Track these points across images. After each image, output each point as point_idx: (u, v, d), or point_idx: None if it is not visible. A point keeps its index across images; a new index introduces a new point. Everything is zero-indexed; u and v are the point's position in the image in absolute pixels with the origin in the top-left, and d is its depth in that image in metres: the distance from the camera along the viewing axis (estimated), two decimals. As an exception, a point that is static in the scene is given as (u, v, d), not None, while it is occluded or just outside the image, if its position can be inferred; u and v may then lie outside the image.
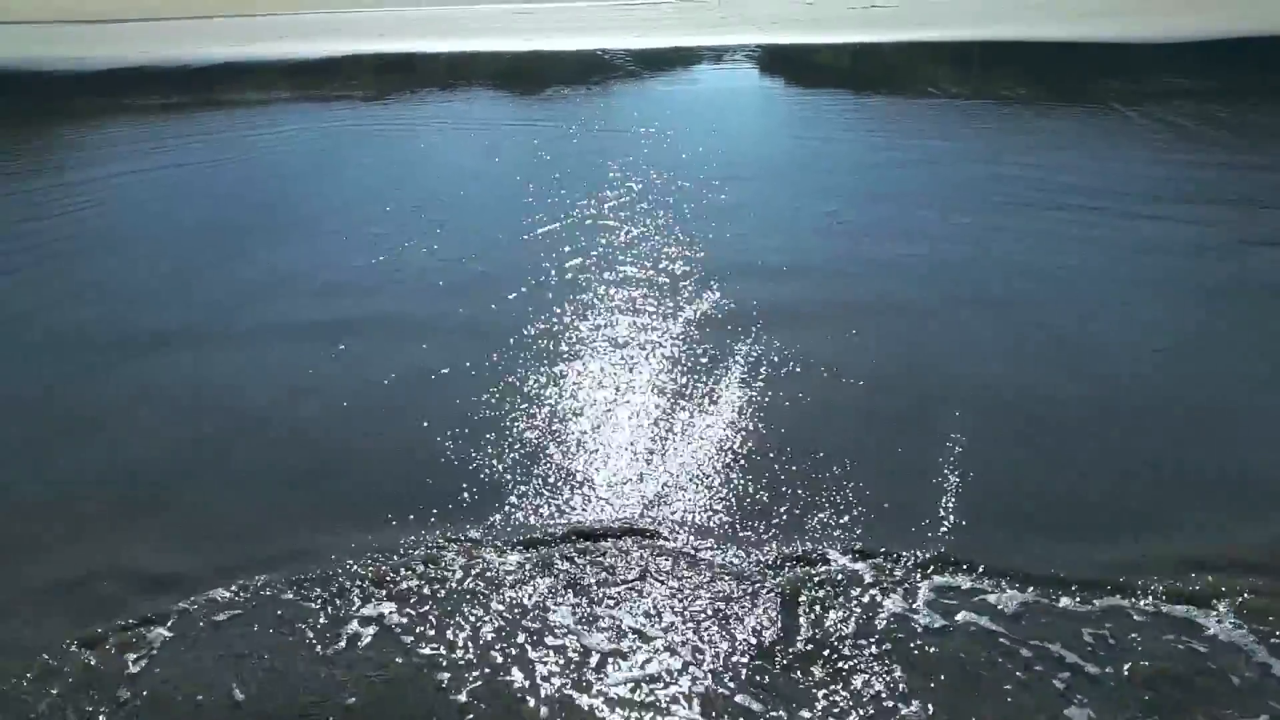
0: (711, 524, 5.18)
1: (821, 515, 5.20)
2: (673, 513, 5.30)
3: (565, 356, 7.38)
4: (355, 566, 4.93)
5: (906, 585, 4.59)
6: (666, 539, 5.07)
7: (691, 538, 5.07)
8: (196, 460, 6.13)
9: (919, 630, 4.29)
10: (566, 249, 10.02)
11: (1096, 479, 5.41)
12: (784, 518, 5.20)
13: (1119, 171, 12.22)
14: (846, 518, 5.17)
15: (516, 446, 6.07)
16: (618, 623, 4.43)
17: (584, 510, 5.36)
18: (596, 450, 6.02)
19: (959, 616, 4.36)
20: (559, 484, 5.63)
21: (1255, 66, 22.23)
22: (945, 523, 5.06)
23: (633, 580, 4.73)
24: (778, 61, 27.18)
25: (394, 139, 17.57)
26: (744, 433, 6.11)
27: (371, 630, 4.46)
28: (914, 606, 4.44)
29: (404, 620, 4.53)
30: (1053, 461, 5.62)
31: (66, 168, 15.94)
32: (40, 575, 5.02)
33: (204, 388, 7.16)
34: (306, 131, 18.51)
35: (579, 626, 4.42)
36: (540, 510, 5.37)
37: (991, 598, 4.47)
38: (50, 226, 12.01)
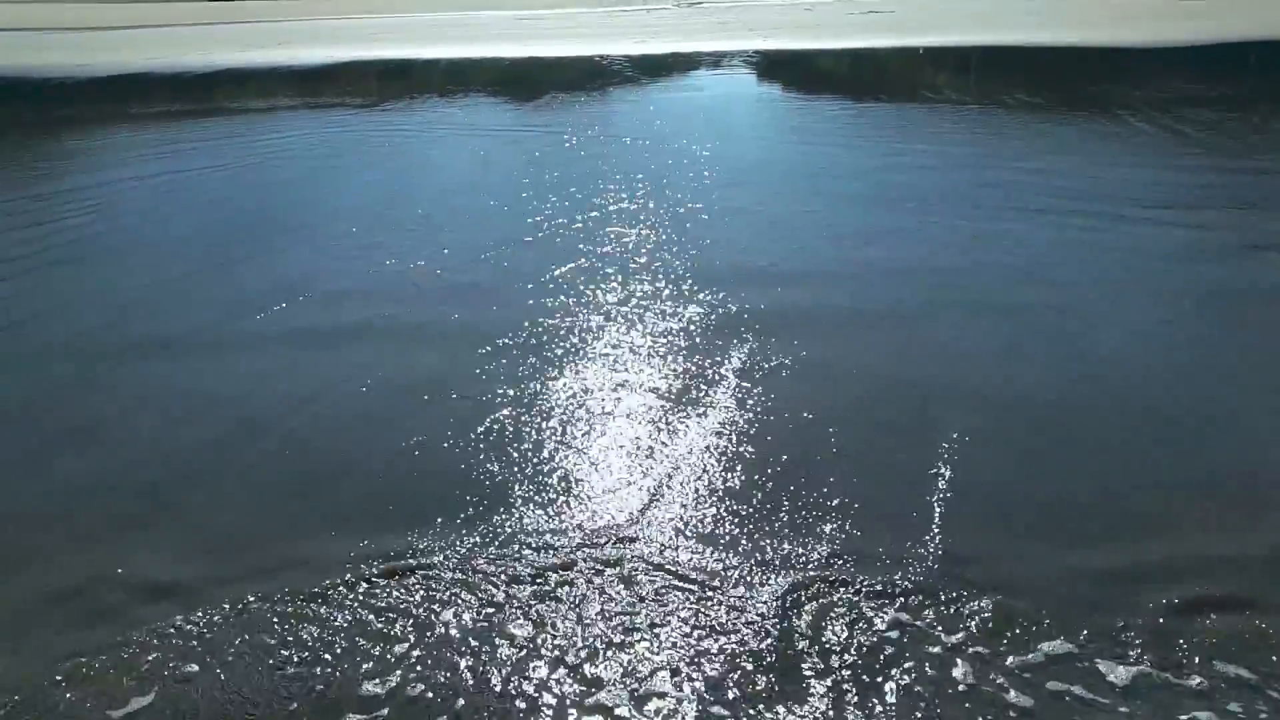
0: (708, 531, 5.16)
1: (825, 524, 5.18)
2: (669, 520, 5.28)
3: (564, 362, 7.36)
4: (354, 576, 4.90)
5: (911, 593, 4.57)
6: (662, 548, 5.04)
7: (688, 543, 5.05)
8: (196, 468, 6.11)
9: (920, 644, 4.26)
10: (565, 254, 10.00)
11: (1100, 485, 5.40)
12: (786, 526, 5.18)
13: (1121, 177, 12.22)
14: (850, 526, 5.15)
15: (515, 454, 6.05)
16: (612, 639, 4.40)
17: (580, 517, 5.35)
18: (594, 457, 6.00)
19: (960, 630, 4.33)
20: (556, 491, 5.62)
21: (1256, 71, 22.26)
22: (948, 531, 5.04)
23: (627, 593, 4.70)
24: (777, 67, 27.20)
25: (394, 145, 17.57)
26: (744, 439, 6.09)
27: (370, 639, 4.44)
28: (920, 617, 4.41)
29: (401, 630, 4.50)
30: (1056, 468, 5.61)
31: (67, 174, 15.94)
32: (38, 584, 5.00)
33: (203, 395, 7.14)
34: (307, 138, 18.51)
35: (571, 640, 4.39)
36: (537, 518, 5.35)
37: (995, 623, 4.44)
38: (50, 232, 11.99)
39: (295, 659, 4.33)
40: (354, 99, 23.81)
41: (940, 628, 4.32)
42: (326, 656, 4.34)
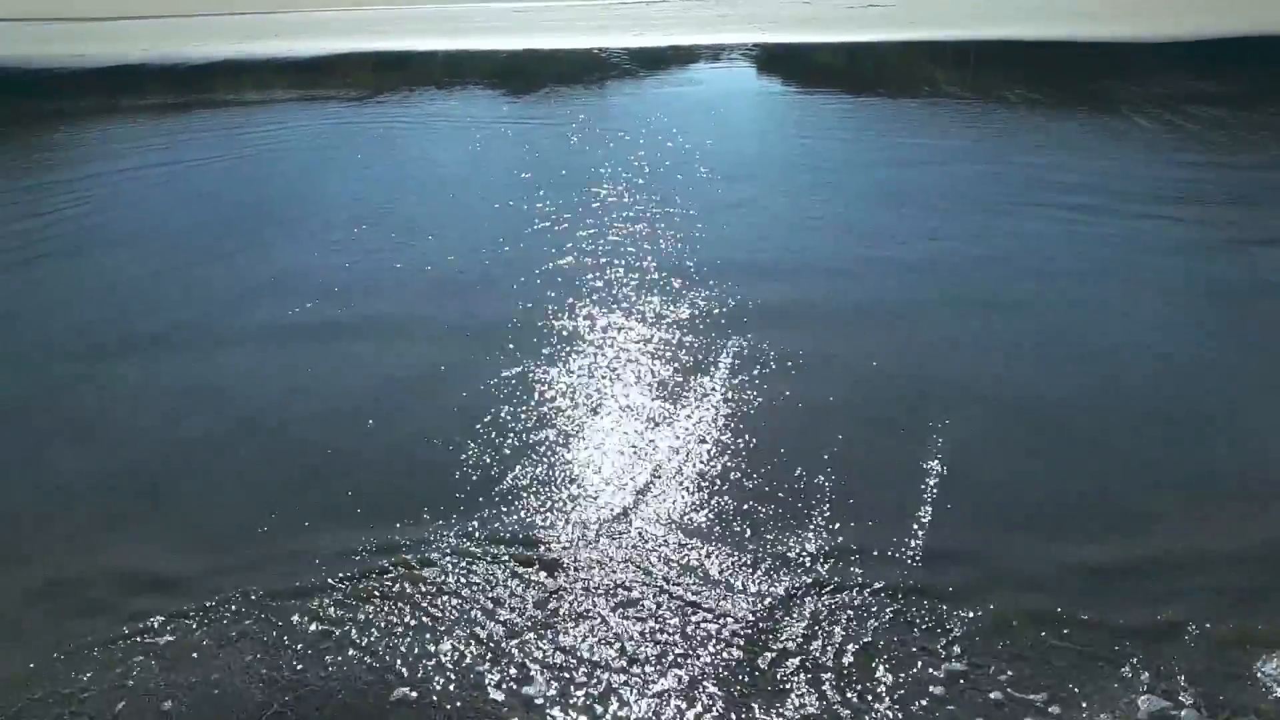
0: (702, 527, 5.14)
1: (820, 519, 5.16)
2: (663, 515, 5.27)
3: (561, 356, 7.34)
4: (347, 569, 4.89)
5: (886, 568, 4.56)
6: (655, 542, 5.03)
7: (681, 538, 5.03)
8: (190, 462, 6.09)
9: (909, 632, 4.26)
10: (561, 248, 9.98)
11: (1100, 482, 5.39)
12: (781, 521, 5.16)
13: (1121, 172, 12.20)
14: (845, 522, 5.13)
15: (510, 447, 6.03)
16: (604, 633, 4.40)
17: (574, 511, 5.33)
18: (589, 451, 5.99)
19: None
20: (551, 485, 5.60)
21: (1256, 67, 22.23)
22: (948, 528, 5.03)
23: (619, 587, 4.70)
24: (776, 61, 27.14)
25: (391, 137, 17.52)
26: (739, 435, 6.07)
27: (365, 632, 4.43)
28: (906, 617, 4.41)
29: (396, 623, 4.49)
30: (1056, 465, 5.60)
31: (62, 166, 15.89)
32: (35, 577, 4.98)
33: (200, 389, 7.11)
34: (303, 130, 18.45)
35: (564, 635, 4.39)
36: (532, 512, 5.34)
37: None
38: (47, 224, 11.95)
39: (292, 652, 4.32)
40: (351, 91, 23.72)
41: (937, 625, 4.31)
42: (322, 650, 4.33)
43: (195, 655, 4.34)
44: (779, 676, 4.05)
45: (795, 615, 4.41)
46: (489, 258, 9.83)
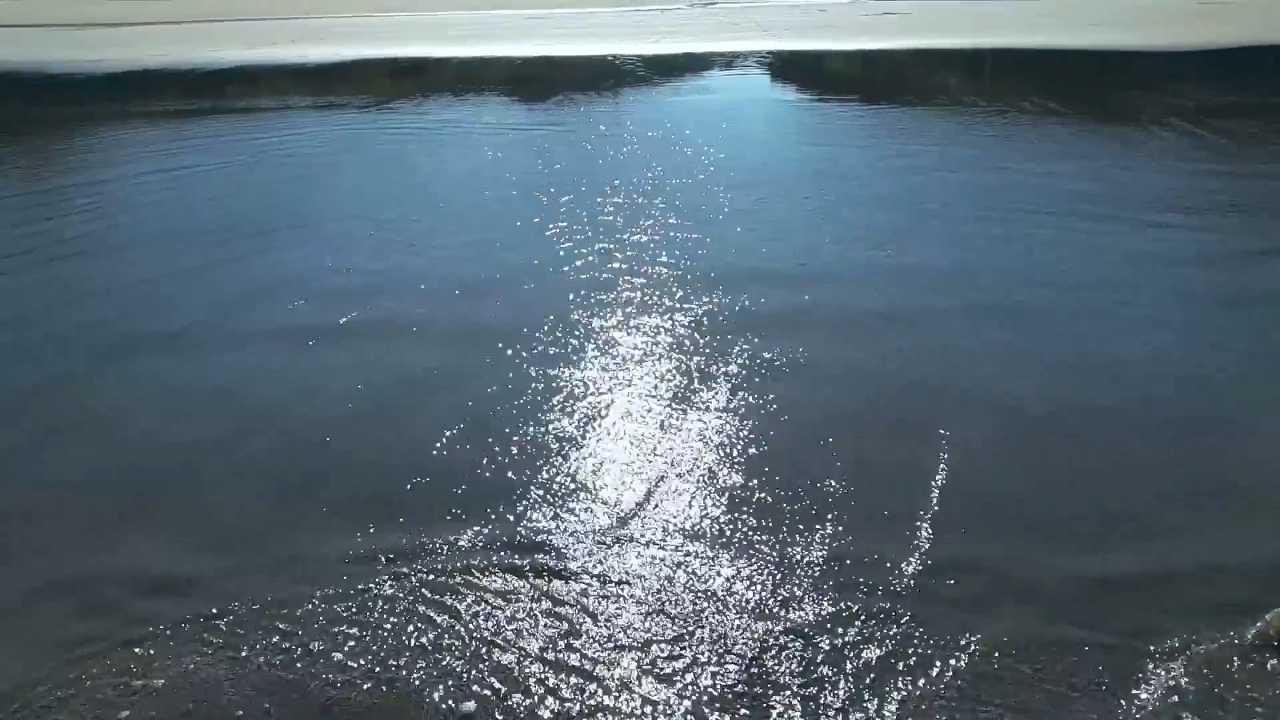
0: (706, 533, 5.13)
1: (824, 526, 5.13)
2: (667, 521, 5.26)
3: (567, 361, 7.32)
4: (356, 572, 4.86)
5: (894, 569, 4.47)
6: (659, 548, 5.00)
7: (685, 545, 5.02)
8: (197, 463, 6.11)
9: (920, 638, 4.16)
10: (571, 254, 9.97)
11: (1106, 489, 5.33)
12: (785, 528, 5.14)
13: (1133, 181, 12.09)
14: (849, 529, 5.10)
15: (517, 450, 6.02)
16: (608, 639, 4.36)
17: (578, 516, 5.33)
18: (594, 455, 5.99)
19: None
20: (555, 488, 5.61)
21: (1274, 75, 22.00)
22: (951, 535, 4.98)
23: (623, 592, 4.66)
24: (790, 68, 27.07)
25: (403, 143, 17.57)
26: (744, 441, 6.05)
27: (370, 634, 4.39)
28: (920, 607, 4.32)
29: (401, 625, 4.45)
30: (1061, 473, 5.55)
31: (77, 170, 16.00)
32: (39, 577, 5.00)
33: (206, 389, 7.14)
34: (315, 136, 18.52)
35: (568, 640, 4.37)
36: (536, 515, 5.35)
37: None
38: (61, 226, 12.05)
39: (299, 656, 4.29)
40: (365, 97, 23.79)
41: (941, 639, 4.26)
42: (325, 650, 4.30)
43: (201, 659, 4.33)
44: (779, 696, 3.99)
45: (798, 632, 4.36)
46: (500, 263, 9.81)
